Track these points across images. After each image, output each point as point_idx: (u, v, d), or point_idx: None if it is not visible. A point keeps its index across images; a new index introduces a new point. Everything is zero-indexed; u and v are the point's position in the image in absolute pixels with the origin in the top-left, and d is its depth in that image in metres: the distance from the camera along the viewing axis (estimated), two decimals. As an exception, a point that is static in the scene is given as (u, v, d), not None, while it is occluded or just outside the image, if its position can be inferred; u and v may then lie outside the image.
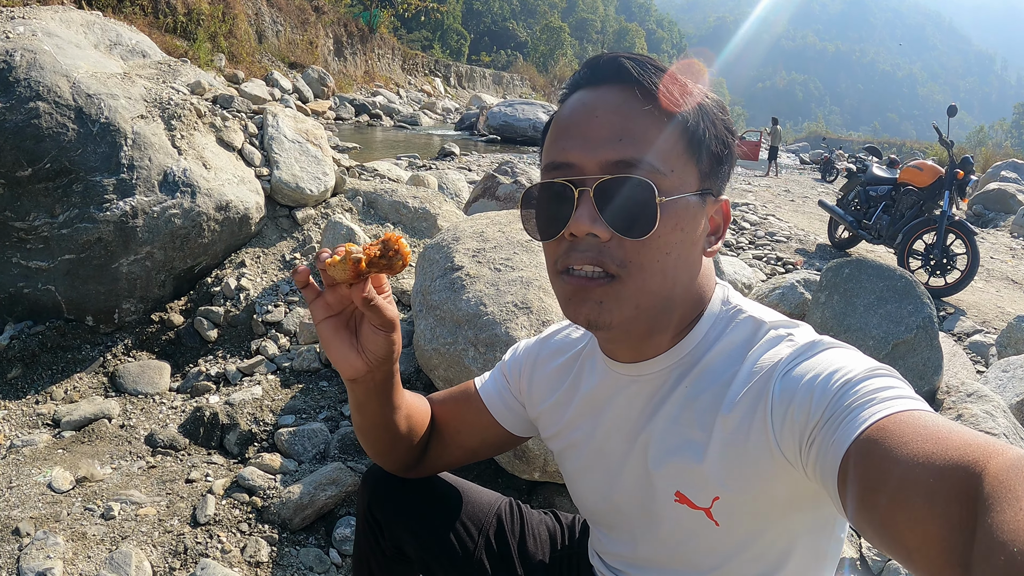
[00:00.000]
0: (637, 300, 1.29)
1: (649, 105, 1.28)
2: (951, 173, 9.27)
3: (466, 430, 1.85)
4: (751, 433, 1.27)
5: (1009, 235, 15.43)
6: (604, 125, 1.28)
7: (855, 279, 5.12)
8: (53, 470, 3.50)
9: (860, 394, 1.09)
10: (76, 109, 4.62)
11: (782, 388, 1.23)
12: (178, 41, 21.74)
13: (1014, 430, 4.12)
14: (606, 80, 1.32)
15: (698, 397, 1.37)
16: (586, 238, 1.27)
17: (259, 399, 4.16)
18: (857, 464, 0.99)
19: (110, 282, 4.65)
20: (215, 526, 3.22)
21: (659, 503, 1.43)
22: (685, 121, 1.29)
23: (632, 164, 1.25)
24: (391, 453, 1.78)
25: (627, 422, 1.50)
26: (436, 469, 1.92)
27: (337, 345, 1.50)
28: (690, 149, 1.30)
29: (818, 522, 1.38)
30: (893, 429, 0.98)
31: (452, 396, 1.90)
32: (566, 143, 1.31)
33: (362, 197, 6.07)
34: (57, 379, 4.39)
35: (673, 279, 1.32)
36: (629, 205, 1.25)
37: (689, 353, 1.41)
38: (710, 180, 1.35)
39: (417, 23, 60.19)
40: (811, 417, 1.14)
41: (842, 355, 1.21)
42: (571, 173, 1.30)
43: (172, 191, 4.80)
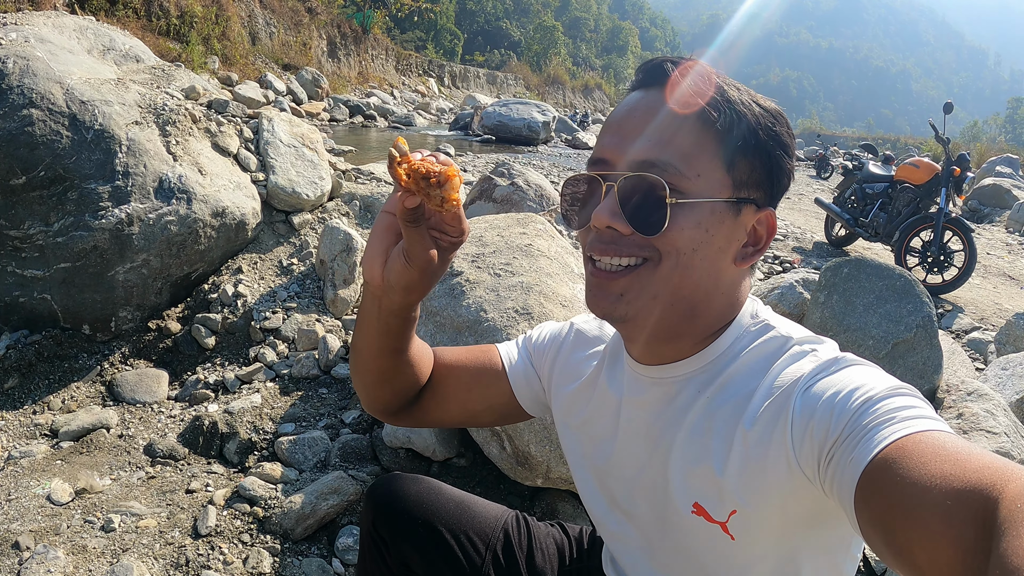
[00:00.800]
0: (656, 289, 1.31)
1: (679, 108, 1.31)
2: (948, 170, 9.26)
3: (476, 392, 1.81)
4: (771, 448, 1.25)
5: (1005, 230, 15.45)
6: (637, 125, 1.33)
7: (854, 278, 5.11)
8: (52, 482, 3.47)
9: (880, 413, 1.08)
10: (70, 116, 4.59)
11: (803, 404, 1.22)
12: (171, 44, 21.68)
13: (1015, 428, 4.11)
14: (652, 83, 1.37)
15: (720, 408, 1.36)
16: (607, 231, 1.32)
17: (258, 407, 4.14)
18: (874, 483, 0.99)
19: (106, 290, 4.62)
20: (216, 537, 3.20)
21: (676, 512, 1.42)
22: (719, 128, 1.30)
23: (653, 164, 1.28)
24: (375, 390, 1.71)
25: (646, 426, 1.49)
26: (424, 423, 1.87)
27: (373, 242, 1.42)
28: (722, 155, 1.31)
29: (834, 540, 1.37)
30: (912, 449, 0.97)
31: (468, 356, 1.84)
32: (605, 140, 1.37)
33: (359, 201, 6.05)
34: (54, 389, 4.36)
35: (695, 280, 1.33)
36: (642, 202, 1.29)
37: (712, 362, 1.40)
38: (749, 189, 1.35)
39: (411, 23, 60.04)
40: (830, 434, 1.13)
41: (864, 373, 1.20)
42: (605, 168, 1.35)
43: (168, 198, 4.77)
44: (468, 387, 1.80)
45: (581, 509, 3.53)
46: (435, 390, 1.79)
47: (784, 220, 13.08)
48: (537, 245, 4.17)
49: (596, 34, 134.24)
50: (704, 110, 1.30)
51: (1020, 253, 12.56)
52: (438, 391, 1.79)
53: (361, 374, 1.68)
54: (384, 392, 1.70)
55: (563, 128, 28.14)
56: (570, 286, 3.91)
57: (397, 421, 1.82)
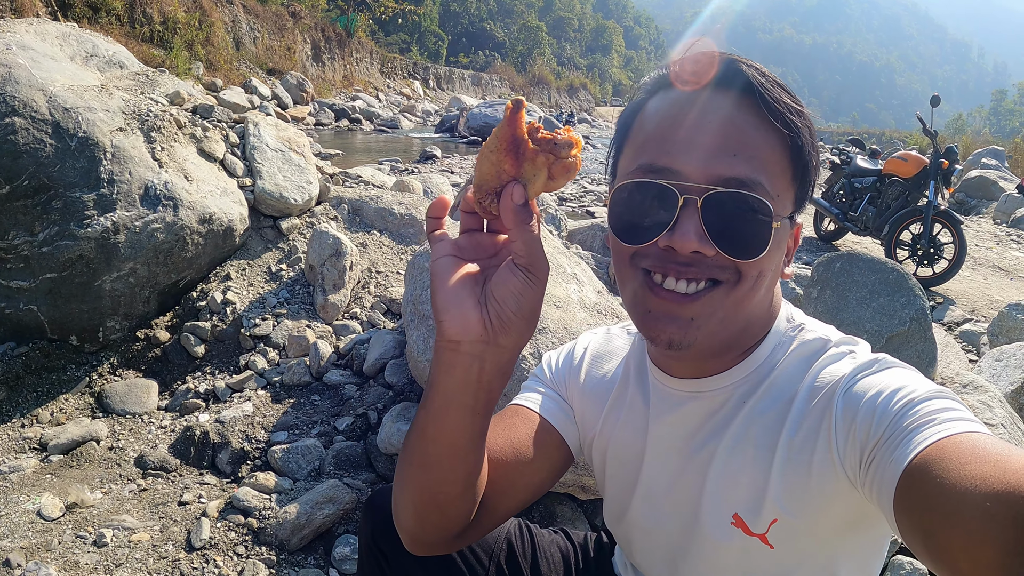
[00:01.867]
0: (725, 312, 1.27)
1: (767, 121, 1.23)
2: (936, 163, 9.30)
3: (538, 460, 1.57)
4: (816, 452, 1.25)
5: (992, 222, 15.51)
6: (718, 135, 1.22)
7: (847, 273, 5.10)
8: (42, 497, 3.43)
9: (920, 415, 1.08)
10: (53, 124, 4.53)
11: (845, 405, 1.21)
12: (155, 50, 21.62)
13: (1011, 420, 4.11)
14: (720, 83, 1.26)
15: (761, 416, 1.35)
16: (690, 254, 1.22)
17: (250, 416, 4.09)
18: (914, 484, 0.99)
19: (93, 300, 4.56)
20: (211, 550, 3.16)
21: (710, 524, 1.40)
22: (798, 144, 1.26)
23: (745, 183, 1.21)
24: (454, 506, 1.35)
25: (681, 440, 1.46)
26: (488, 529, 1.53)
27: (451, 286, 1.13)
28: (795, 174, 1.28)
29: (868, 543, 1.37)
30: (951, 450, 0.97)
31: (507, 426, 1.58)
32: (671, 146, 1.25)
33: (347, 205, 6.00)
34: (43, 401, 4.31)
35: (758, 301, 1.31)
36: (741, 225, 1.21)
37: (754, 371, 1.38)
38: (800, 204, 1.33)
39: (394, 26, 60.13)
40: (872, 435, 1.13)
41: (904, 375, 1.20)
42: (675, 179, 1.23)
43: (154, 205, 4.72)
44: (530, 459, 1.56)
45: (580, 512, 3.50)
46: (494, 482, 1.47)
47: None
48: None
49: (580, 33, 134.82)
50: (784, 123, 1.24)
51: (1008, 244, 12.61)
52: (498, 482, 1.48)
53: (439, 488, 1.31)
54: (466, 505, 1.37)
55: (549, 128, 28.14)
56: (563, 286, 3.87)
57: (461, 542, 1.48)
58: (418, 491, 1.32)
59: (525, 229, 1.09)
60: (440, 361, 1.18)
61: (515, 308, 1.12)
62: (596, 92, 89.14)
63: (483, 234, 1.19)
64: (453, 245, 1.17)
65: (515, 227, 1.09)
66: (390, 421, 3.79)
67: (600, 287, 4.27)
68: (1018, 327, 6.03)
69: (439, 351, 1.17)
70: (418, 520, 1.36)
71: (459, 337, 1.13)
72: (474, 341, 1.13)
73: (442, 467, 1.27)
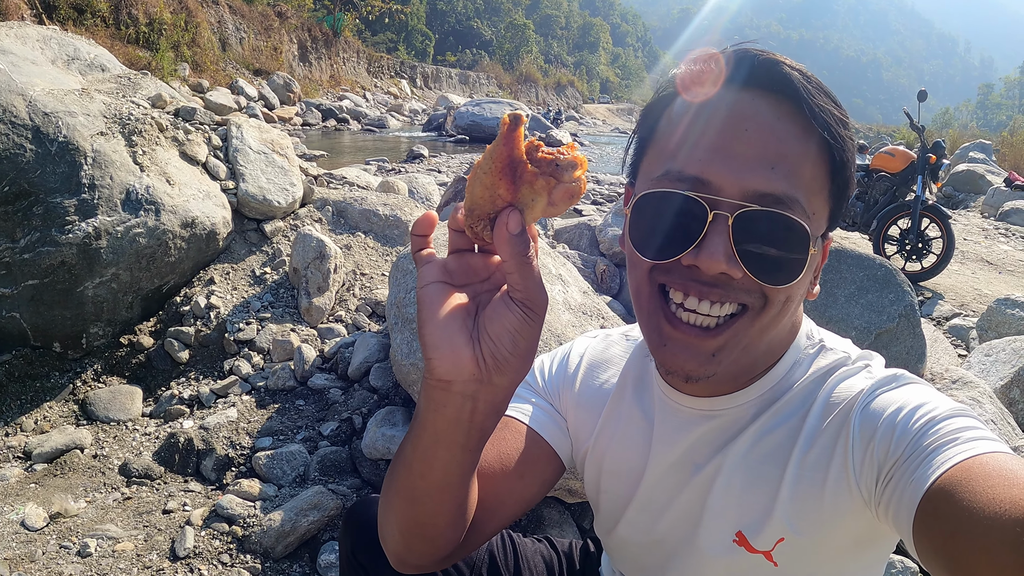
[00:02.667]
0: (749, 339, 1.20)
1: (810, 131, 1.15)
2: (923, 157, 9.29)
3: (529, 474, 1.51)
4: (831, 469, 1.21)
5: (980, 215, 15.53)
6: (755, 144, 1.13)
7: (835, 269, 5.09)
8: (26, 506, 3.39)
9: (942, 433, 1.04)
10: (33, 128, 4.49)
11: (862, 422, 1.17)
12: (141, 52, 21.56)
13: (1001, 416, 4.11)
14: (760, 85, 1.17)
15: (773, 431, 1.30)
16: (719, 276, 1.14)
17: (234, 421, 4.06)
18: (938, 507, 0.95)
19: (76, 306, 4.52)
20: (195, 559, 3.13)
21: (711, 543, 1.35)
22: (842, 160, 1.17)
23: (781, 200, 1.12)
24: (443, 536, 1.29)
25: (686, 455, 1.41)
26: (475, 548, 1.47)
27: (440, 319, 1.02)
28: (832, 191, 1.20)
29: (873, 560, 1.34)
30: (977, 472, 0.94)
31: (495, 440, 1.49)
32: (703, 154, 1.15)
33: (331, 207, 5.97)
34: (26, 409, 4.27)
35: (782, 325, 1.25)
36: (777, 247, 1.13)
37: (771, 389, 1.33)
38: (834, 223, 1.25)
39: (381, 25, 60.14)
40: (891, 454, 1.09)
41: (923, 392, 1.16)
42: (703, 191, 1.13)
43: (135, 209, 4.68)
44: (521, 473, 1.49)
45: (567, 515, 3.48)
46: (484, 499, 1.41)
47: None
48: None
49: (567, 31, 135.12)
50: (831, 135, 1.15)
51: (996, 238, 12.62)
52: (487, 498, 1.42)
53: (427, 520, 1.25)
54: (454, 533, 1.31)
55: (537, 126, 28.25)
56: (548, 288, 3.84)
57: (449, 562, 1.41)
58: (405, 522, 1.26)
59: (522, 261, 0.97)
60: (429, 399, 1.08)
61: (511, 347, 1.01)
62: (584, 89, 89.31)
63: (474, 255, 1.08)
64: (442, 269, 1.05)
65: (511, 258, 0.97)
66: (375, 426, 3.77)
67: (586, 288, 4.25)
68: (1007, 322, 6.03)
69: (428, 388, 1.07)
70: (405, 546, 1.30)
71: (451, 377, 1.03)
72: (467, 381, 1.03)
73: (431, 501, 1.20)
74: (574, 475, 3.14)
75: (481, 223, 0.99)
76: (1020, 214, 14.36)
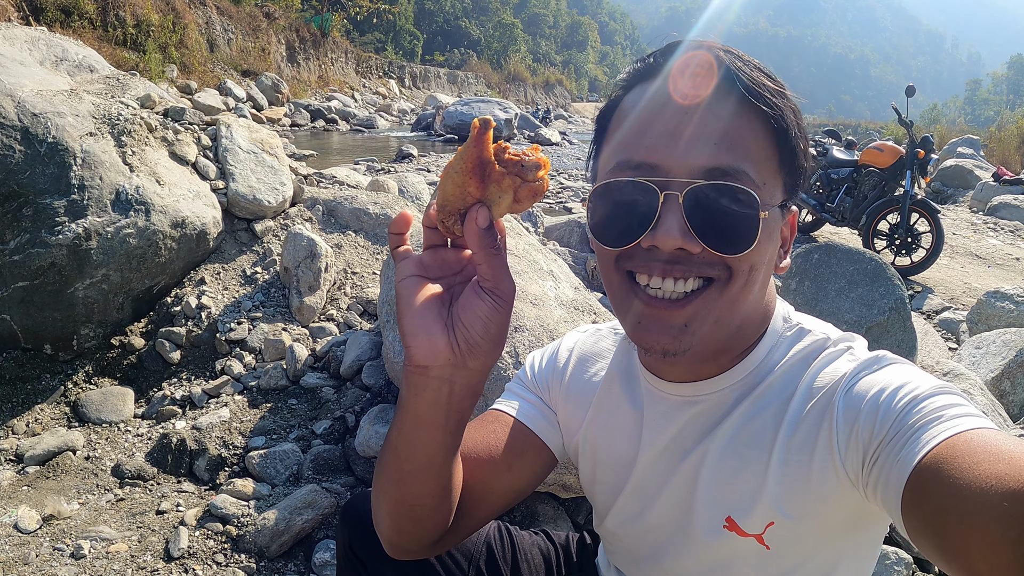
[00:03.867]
0: (718, 314, 1.22)
1: (748, 107, 1.19)
2: (912, 152, 9.34)
3: (517, 466, 1.56)
4: (816, 452, 1.22)
5: (969, 210, 15.61)
6: (695, 123, 1.17)
7: (825, 264, 5.11)
8: (19, 509, 3.38)
9: (926, 411, 1.06)
10: (22, 130, 4.48)
11: (846, 404, 1.19)
12: (128, 53, 21.48)
13: (992, 407, 4.14)
14: (697, 71, 1.21)
15: (757, 416, 1.32)
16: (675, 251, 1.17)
17: (227, 421, 4.06)
18: (924, 484, 0.97)
19: (67, 308, 4.51)
20: (190, 559, 3.12)
21: (703, 528, 1.37)
22: (783, 130, 1.21)
23: (728, 173, 1.16)
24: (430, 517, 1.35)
25: (675, 443, 1.43)
26: (466, 534, 1.52)
27: (417, 308, 1.12)
28: (782, 160, 1.23)
29: (865, 543, 1.35)
30: (963, 448, 0.95)
31: (482, 433, 1.56)
32: (650, 140, 1.20)
33: (322, 206, 5.96)
34: (18, 412, 4.25)
35: (752, 297, 1.27)
36: (728, 218, 1.17)
37: (751, 373, 1.35)
38: (791, 192, 1.28)
39: (369, 25, 60.02)
40: (875, 434, 1.10)
41: (906, 371, 1.18)
42: (653, 175, 1.18)
43: (125, 210, 4.67)
44: (508, 465, 1.55)
45: (562, 511, 3.49)
46: (468, 490, 1.47)
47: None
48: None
49: (555, 30, 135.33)
50: (769, 109, 1.19)
51: (985, 232, 12.69)
52: (472, 489, 1.48)
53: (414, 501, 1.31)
54: (441, 515, 1.37)
55: (525, 124, 28.27)
56: (539, 284, 3.85)
57: (440, 548, 1.48)
58: (393, 504, 1.32)
59: (490, 253, 1.08)
60: (410, 384, 1.16)
61: (482, 332, 1.11)
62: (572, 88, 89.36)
63: (448, 250, 1.17)
64: (418, 263, 1.15)
65: (480, 251, 1.07)
66: (368, 424, 3.77)
67: (577, 283, 4.26)
68: (997, 314, 6.07)
69: (408, 375, 1.16)
70: (396, 529, 1.36)
71: (427, 362, 1.12)
72: (443, 365, 1.12)
73: (416, 481, 1.27)
74: (568, 470, 3.16)
75: (452, 218, 1.08)
76: (1008, 208, 14.44)
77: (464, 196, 1.07)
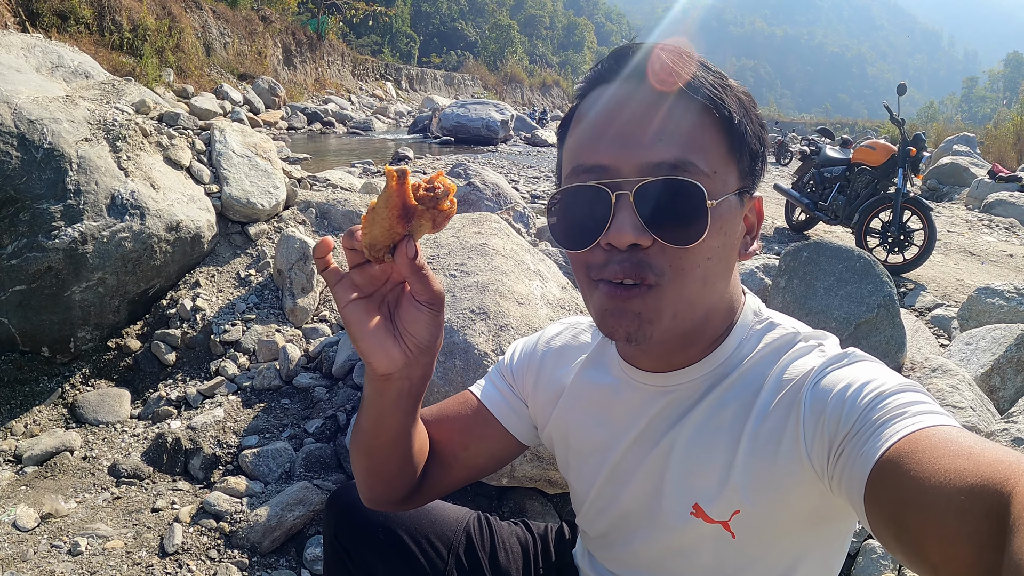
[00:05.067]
0: (676, 308, 1.24)
1: (689, 101, 1.22)
2: (904, 150, 9.34)
3: (473, 446, 1.70)
4: (782, 443, 1.25)
5: (964, 208, 15.64)
6: (640, 123, 1.21)
7: (814, 262, 5.15)
8: (17, 508, 3.43)
9: (890, 407, 1.08)
10: (18, 136, 4.52)
11: (813, 398, 1.21)
12: (124, 58, 21.47)
13: (980, 402, 4.16)
14: (637, 72, 1.26)
15: (727, 406, 1.34)
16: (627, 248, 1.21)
17: (221, 421, 4.11)
18: (886, 479, 0.98)
19: (63, 311, 4.56)
20: (184, 555, 3.17)
21: (671, 514, 1.40)
22: (727, 117, 1.24)
23: (675, 166, 1.18)
24: (396, 479, 1.55)
25: (646, 431, 1.46)
26: (435, 495, 1.71)
27: (369, 331, 1.24)
28: (731, 147, 1.25)
29: (831, 537, 1.38)
30: (924, 444, 0.97)
31: (450, 411, 1.72)
32: (597, 143, 1.24)
33: (315, 208, 6.02)
34: (16, 413, 4.30)
35: (712, 286, 1.28)
36: (676, 211, 1.19)
37: (721, 364, 1.38)
38: (748, 178, 1.31)
39: (366, 28, 60.00)
40: (840, 429, 1.12)
41: (873, 368, 1.20)
42: (605, 176, 1.22)
43: (121, 214, 4.72)
44: (465, 445, 1.69)
45: (550, 507, 3.53)
46: (438, 456, 1.68)
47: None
48: (492, 244, 4.17)
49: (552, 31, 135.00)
50: (710, 100, 1.22)
51: (980, 229, 12.71)
52: (443, 455, 1.68)
53: (381, 469, 1.51)
54: (407, 478, 1.57)
55: (522, 126, 28.20)
56: (526, 283, 3.91)
57: (411, 504, 1.69)
58: (365, 470, 1.53)
59: (421, 275, 1.20)
60: (375, 388, 1.34)
61: (427, 335, 1.26)
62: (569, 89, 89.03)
63: (371, 266, 1.24)
64: (351, 286, 1.25)
65: (412, 275, 1.20)
66: (359, 422, 3.81)
67: (565, 283, 4.31)
68: (987, 310, 6.08)
69: (373, 381, 1.32)
70: (368, 487, 1.58)
71: (389, 371, 1.27)
72: (400, 369, 1.28)
73: (382, 454, 1.47)
74: (553, 466, 3.20)
75: (382, 252, 1.19)
76: (1004, 205, 14.46)
77: (392, 235, 1.18)
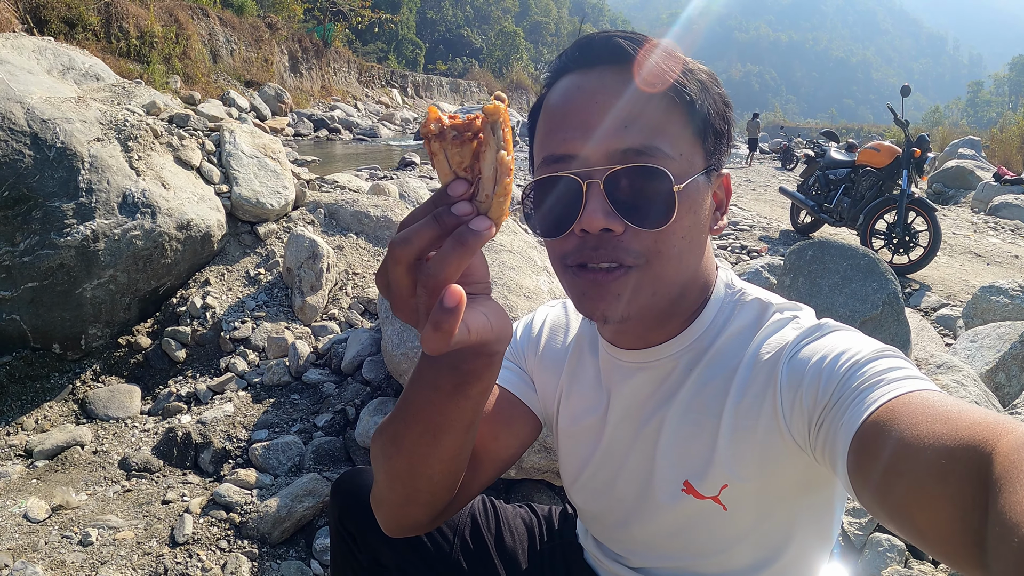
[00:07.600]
0: (654, 288, 1.25)
1: (651, 87, 1.23)
2: (908, 152, 9.36)
3: (504, 434, 1.56)
4: (761, 418, 1.27)
5: (970, 210, 15.62)
6: (606, 111, 1.22)
7: (819, 260, 5.17)
8: (28, 500, 3.46)
9: (868, 376, 1.09)
10: (31, 135, 4.57)
11: (790, 371, 1.23)
12: (132, 65, 21.57)
13: (985, 398, 4.16)
14: (601, 61, 1.26)
15: (708, 384, 1.36)
16: (599, 233, 1.21)
17: (231, 416, 4.14)
18: (867, 446, 0.99)
19: (75, 308, 4.60)
20: (194, 545, 3.20)
21: (663, 492, 1.42)
22: (689, 100, 1.25)
23: (641, 152, 1.20)
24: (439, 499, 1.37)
25: (632, 411, 1.48)
26: (462, 504, 1.51)
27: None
28: (695, 129, 1.27)
29: (821, 504, 1.39)
30: (903, 410, 0.98)
31: None
32: (565, 133, 1.24)
33: (323, 209, 6.06)
34: (27, 409, 4.34)
35: (687, 263, 1.30)
36: (645, 196, 1.20)
37: (698, 339, 1.39)
38: (714, 157, 1.32)
39: (371, 35, 60.03)
40: (819, 400, 1.14)
41: (848, 337, 1.22)
42: (574, 165, 1.22)
43: (132, 212, 4.76)
44: (495, 435, 1.54)
45: (557, 499, 3.55)
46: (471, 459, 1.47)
47: (751, 211, 13.17)
48: (499, 240, 4.21)
49: (557, 37, 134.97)
50: (672, 85, 1.23)
51: (985, 231, 12.70)
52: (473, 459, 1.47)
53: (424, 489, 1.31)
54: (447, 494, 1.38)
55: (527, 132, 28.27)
56: (533, 278, 3.94)
57: (439, 522, 1.47)
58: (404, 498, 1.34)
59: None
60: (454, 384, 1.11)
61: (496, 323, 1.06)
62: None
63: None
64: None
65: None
66: (368, 416, 3.86)
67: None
68: (992, 308, 6.09)
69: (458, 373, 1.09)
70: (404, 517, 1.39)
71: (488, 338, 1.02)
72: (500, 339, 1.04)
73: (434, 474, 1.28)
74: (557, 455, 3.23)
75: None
76: (1010, 208, 14.46)
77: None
